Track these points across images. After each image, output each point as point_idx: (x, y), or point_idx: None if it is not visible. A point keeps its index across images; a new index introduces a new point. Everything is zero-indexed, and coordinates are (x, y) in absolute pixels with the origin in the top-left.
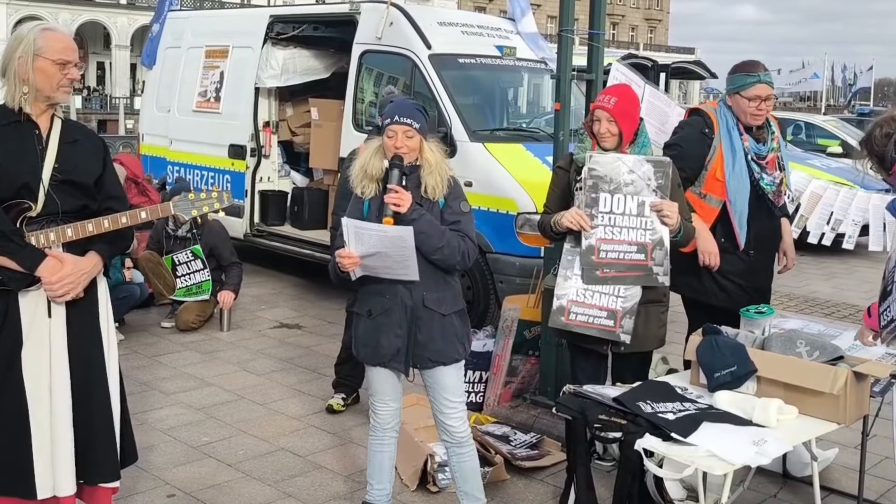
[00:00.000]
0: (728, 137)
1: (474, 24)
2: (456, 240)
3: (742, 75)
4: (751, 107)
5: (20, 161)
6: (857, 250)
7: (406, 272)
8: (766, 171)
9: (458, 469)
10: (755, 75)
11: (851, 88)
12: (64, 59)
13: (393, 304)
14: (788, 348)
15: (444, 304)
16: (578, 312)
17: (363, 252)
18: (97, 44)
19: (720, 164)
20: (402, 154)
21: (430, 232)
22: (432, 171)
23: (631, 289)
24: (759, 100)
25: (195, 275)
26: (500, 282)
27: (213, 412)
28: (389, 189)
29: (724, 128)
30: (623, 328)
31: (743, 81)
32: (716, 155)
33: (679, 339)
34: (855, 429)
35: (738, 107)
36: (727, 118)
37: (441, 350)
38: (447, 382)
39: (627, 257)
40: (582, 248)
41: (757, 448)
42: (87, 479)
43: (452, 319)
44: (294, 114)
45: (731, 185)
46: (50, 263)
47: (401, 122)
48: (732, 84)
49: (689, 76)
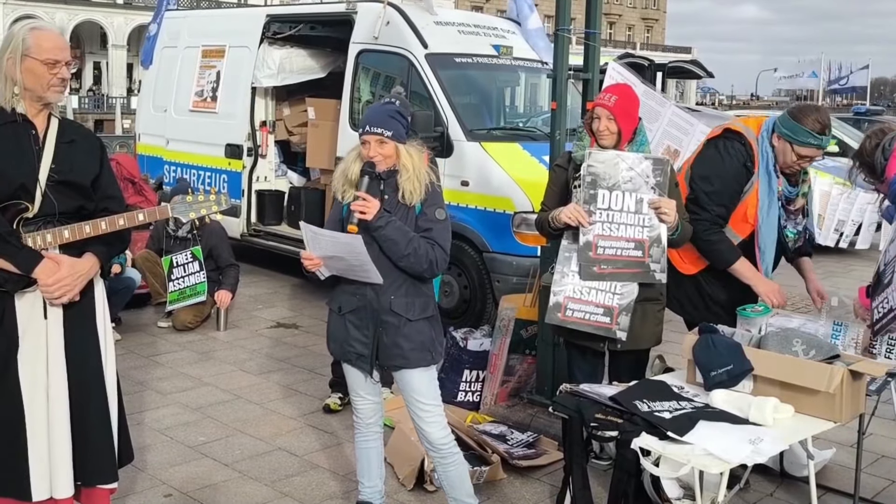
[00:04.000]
0: (766, 179)
1: (471, 24)
2: (424, 248)
3: (806, 131)
4: (797, 161)
5: (16, 162)
6: (854, 249)
7: (366, 276)
8: (792, 218)
9: (445, 477)
10: (819, 140)
11: (841, 83)
12: (53, 59)
13: (361, 305)
14: (784, 347)
15: (413, 309)
16: (575, 309)
17: (320, 254)
18: (94, 43)
19: (753, 204)
20: (377, 161)
21: (398, 239)
22: (410, 177)
23: (628, 286)
24: (808, 159)
25: (190, 277)
26: (497, 281)
27: (209, 412)
28: (356, 196)
29: (764, 167)
30: (619, 325)
31: (804, 138)
32: (750, 192)
33: (677, 339)
34: (851, 427)
35: (783, 153)
36: (768, 156)
37: (406, 355)
38: (416, 385)
39: (625, 254)
40: (580, 244)
41: (753, 447)
42: (84, 481)
43: (421, 325)
44: (291, 113)
45: (763, 231)
46: (46, 265)
47: (371, 132)
48: (791, 131)
49: (685, 75)
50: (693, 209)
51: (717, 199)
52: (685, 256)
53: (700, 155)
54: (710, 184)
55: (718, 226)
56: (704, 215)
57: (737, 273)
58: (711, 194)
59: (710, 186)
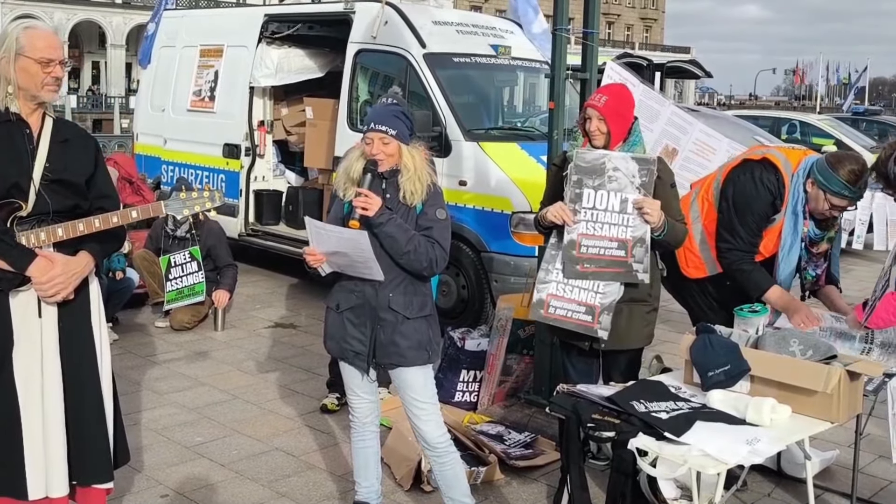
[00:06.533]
0: (793, 219)
1: (469, 24)
2: (425, 246)
3: (841, 182)
4: (828, 210)
5: (10, 160)
6: (853, 249)
7: (369, 272)
8: (813, 260)
9: (441, 477)
10: (853, 192)
11: (848, 88)
12: (47, 58)
13: (360, 302)
14: (782, 347)
15: (411, 307)
16: (557, 306)
17: (324, 250)
18: (92, 43)
19: (775, 240)
20: (379, 160)
21: (398, 236)
22: (411, 177)
23: (610, 285)
24: (839, 208)
25: (188, 277)
26: (495, 281)
27: (206, 412)
28: (358, 193)
29: (792, 207)
30: (601, 324)
31: (838, 189)
32: (772, 227)
33: (674, 339)
34: (848, 428)
35: (816, 199)
36: (799, 197)
37: (403, 353)
38: (412, 382)
39: (608, 253)
40: (564, 242)
41: (750, 447)
42: (80, 480)
43: (418, 324)
44: (289, 113)
45: (782, 269)
46: (40, 263)
47: (376, 130)
48: (825, 179)
49: (684, 75)
50: (726, 237)
51: (751, 228)
52: (690, 261)
53: (735, 179)
54: (745, 212)
55: (752, 254)
56: (739, 244)
57: (770, 301)
58: (746, 223)
59: (744, 215)
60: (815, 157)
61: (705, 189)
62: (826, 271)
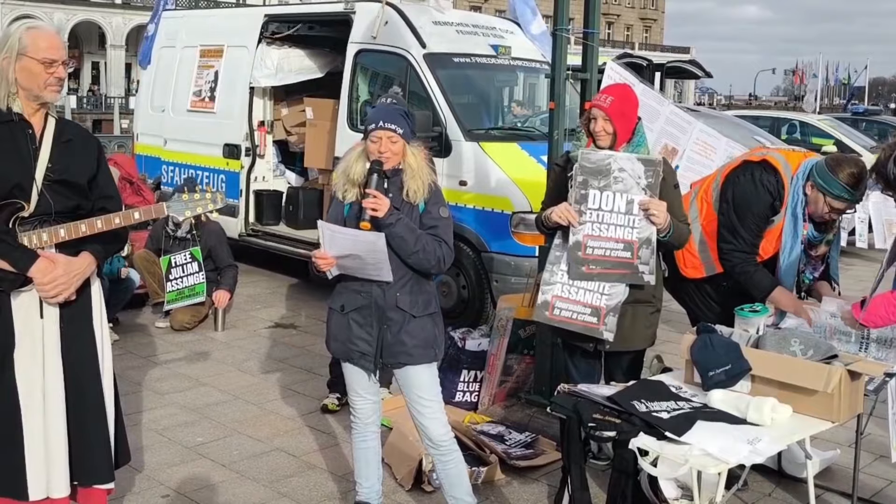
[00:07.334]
0: (793, 222)
1: (469, 24)
2: (432, 245)
3: (840, 185)
4: (828, 213)
5: (13, 161)
6: (852, 248)
7: (379, 273)
8: (811, 263)
9: (445, 475)
10: (853, 195)
11: (848, 88)
12: (49, 58)
13: (366, 303)
14: (783, 347)
15: (417, 306)
16: (563, 308)
17: (337, 254)
18: (92, 43)
19: (773, 242)
20: (385, 159)
21: (406, 237)
22: (414, 176)
23: (616, 287)
24: (838, 211)
25: (189, 277)
26: (496, 281)
27: (207, 412)
28: (368, 194)
29: (791, 210)
30: (606, 326)
31: (838, 192)
32: (771, 228)
33: (675, 339)
34: (849, 427)
35: (815, 202)
36: (798, 200)
37: (410, 352)
38: (418, 380)
39: (614, 255)
40: (569, 243)
41: (751, 447)
42: (81, 481)
43: (424, 322)
44: (289, 113)
45: (784, 271)
46: (42, 264)
47: (384, 128)
48: (825, 182)
49: (684, 75)
50: (728, 238)
51: (752, 229)
52: (688, 262)
53: (735, 180)
54: (745, 213)
55: (754, 255)
56: (741, 245)
57: (774, 301)
58: (746, 224)
59: (745, 215)
60: (815, 159)
61: (704, 190)
62: (823, 275)
